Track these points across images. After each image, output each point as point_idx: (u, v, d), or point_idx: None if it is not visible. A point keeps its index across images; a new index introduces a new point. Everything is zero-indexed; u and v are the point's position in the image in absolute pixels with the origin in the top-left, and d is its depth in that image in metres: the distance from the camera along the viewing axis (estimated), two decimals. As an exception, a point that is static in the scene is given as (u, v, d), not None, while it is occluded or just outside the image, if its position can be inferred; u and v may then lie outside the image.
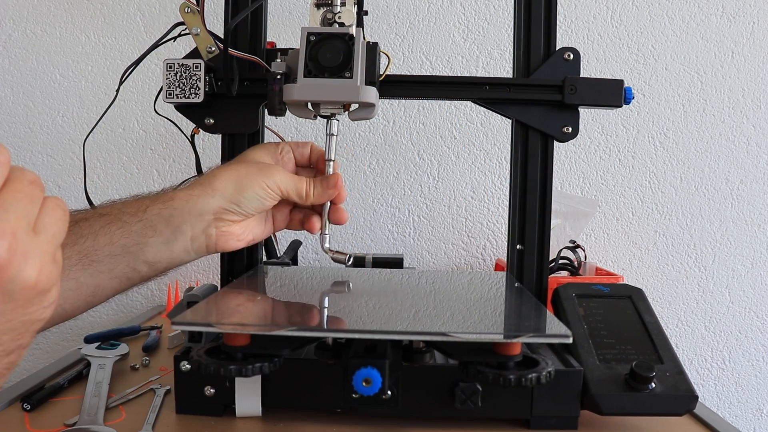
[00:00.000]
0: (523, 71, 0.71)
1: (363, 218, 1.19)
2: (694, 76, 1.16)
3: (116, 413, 0.59)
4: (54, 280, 0.33)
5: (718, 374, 1.20)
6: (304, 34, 0.60)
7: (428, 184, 1.18)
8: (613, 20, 1.15)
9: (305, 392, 0.57)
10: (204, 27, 0.66)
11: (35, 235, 0.32)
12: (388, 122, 1.17)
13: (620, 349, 0.60)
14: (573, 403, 0.56)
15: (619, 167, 1.18)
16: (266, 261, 0.83)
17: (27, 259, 0.31)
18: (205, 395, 0.57)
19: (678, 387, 0.56)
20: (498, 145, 1.17)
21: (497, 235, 1.19)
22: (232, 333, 0.49)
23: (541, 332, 0.51)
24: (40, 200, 0.33)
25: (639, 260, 1.19)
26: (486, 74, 1.15)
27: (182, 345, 0.63)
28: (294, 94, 0.59)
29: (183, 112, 0.70)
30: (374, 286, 0.69)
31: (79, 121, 1.18)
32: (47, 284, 0.32)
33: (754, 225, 1.18)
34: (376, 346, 0.52)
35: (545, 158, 0.71)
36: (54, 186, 1.18)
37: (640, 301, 0.66)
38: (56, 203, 0.34)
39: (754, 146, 1.17)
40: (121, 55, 1.17)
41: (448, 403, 0.56)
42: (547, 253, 0.71)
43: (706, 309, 1.19)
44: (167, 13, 1.16)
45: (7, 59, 1.17)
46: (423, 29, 1.16)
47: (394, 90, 0.69)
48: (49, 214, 0.34)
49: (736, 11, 1.15)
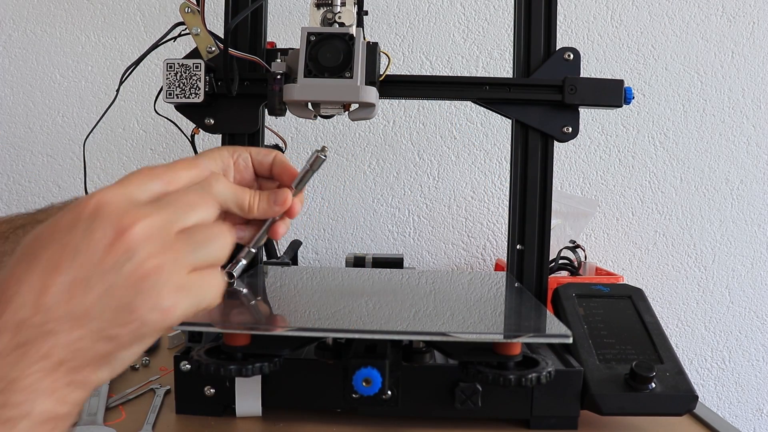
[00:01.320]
0: (523, 71, 0.71)
1: (363, 218, 1.19)
2: (694, 76, 1.16)
3: (116, 413, 0.59)
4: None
5: (718, 374, 1.20)
6: (304, 34, 0.60)
7: (428, 184, 1.18)
8: (613, 20, 1.15)
9: (305, 392, 0.57)
10: (204, 27, 0.66)
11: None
12: (388, 122, 1.17)
13: (620, 349, 0.60)
14: (573, 403, 0.56)
15: (619, 167, 1.18)
16: (266, 261, 0.83)
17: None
18: (205, 395, 0.57)
19: (678, 387, 0.56)
20: (498, 145, 1.17)
21: (497, 235, 1.19)
22: (232, 333, 0.49)
23: (541, 332, 0.51)
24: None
25: (639, 260, 1.19)
26: (486, 74, 1.15)
27: (182, 345, 0.63)
28: (294, 94, 0.59)
29: (183, 112, 0.70)
30: (374, 286, 0.69)
31: (79, 121, 1.18)
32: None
33: (754, 225, 1.18)
34: (376, 346, 0.52)
35: (545, 158, 0.71)
36: (54, 186, 1.19)
37: (640, 301, 0.66)
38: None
39: (754, 146, 1.17)
40: (121, 55, 1.17)
41: (448, 403, 0.56)
42: (547, 253, 0.71)
43: (706, 309, 1.19)
44: (167, 13, 1.16)
45: (7, 59, 1.17)
46: (423, 29, 1.16)
47: (394, 90, 0.69)
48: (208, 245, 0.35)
49: (736, 11, 1.15)
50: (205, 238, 0.34)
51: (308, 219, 1.19)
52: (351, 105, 0.61)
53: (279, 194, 0.53)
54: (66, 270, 0.30)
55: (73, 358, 0.29)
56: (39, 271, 0.30)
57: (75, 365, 0.30)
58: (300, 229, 1.19)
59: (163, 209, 0.32)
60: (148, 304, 0.30)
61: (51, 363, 0.29)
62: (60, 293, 0.29)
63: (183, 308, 0.32)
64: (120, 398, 0.63)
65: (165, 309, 0.31)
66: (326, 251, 1.19)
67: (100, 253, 0.30)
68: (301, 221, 1.19)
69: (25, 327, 0.29)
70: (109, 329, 0.30)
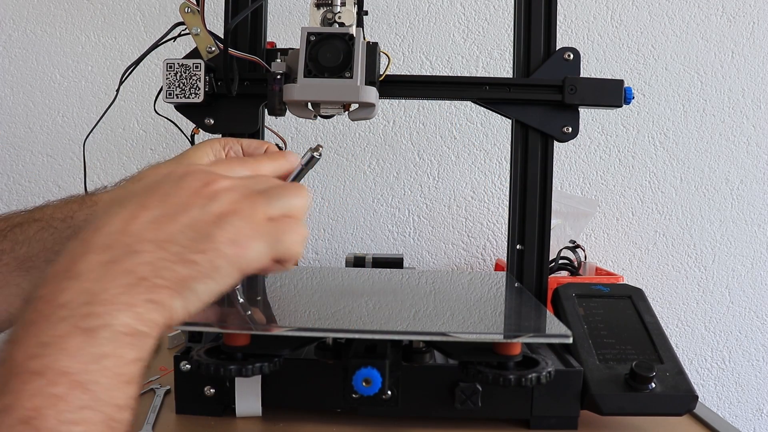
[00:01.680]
0: (523, 71, 0.71)
1: (363, 218, 1.19)
2: (694, 76, 1.16)
3: (116, 413, 0.59)
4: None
5: (718, 374, 1.20)
6: (304, 34, 0.60)
7: (428, 184, 1.18)
8: (613, 20, 1.15)
9: (305, 392, 0.57)
10: (204, 27, 0.66)
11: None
12: (388, 122, 1.17)
13: (620, 349, 0.60)
14: (573, 403, 0.56)
15: (619, 167, 1.18)
16: (266, 261, 0.82)
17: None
18: (205, 395, 0.57)
19: (678, 387, 0.56)
20: (498, 145, 1.17)
21: (497, 235, 1.19)
22: (231, 333, 0.49)
23: (541, 332, 0.51)
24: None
25: (639, 260, 1.19)
26: (486, 74, 1.15)
27: (182, 345, 0.63)
28: (294, 94, 0.59)
29: (183, 112, 0.70)
30: (374, 286, 0.69)
31: (79, 121, 1.18)
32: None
33: (754, 225, 1.18)
34: (376, 346, 0.52)
35: (545, 158, 0.71)
36: (54, 186, 1.18)
37: (640, 301, 0.66)
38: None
39: (754, 146, 1.17)
40: (121, 55, 1.17)
41: (448, 403, 0.56)
42: (547, 253, 0.71)
43: (706, 309, 1.19)
44: (167, 13, 1.16)
45: (7, 59, 1.17)
46: (423, 29, 1.16)
47: (394, 90, 0.69)
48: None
49: (736, 11, 1.15)
50: (281, 193, 0.38)
51: (308, 219, 1.18)
52: (351, 105, 0.61)
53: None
54: (155, 207, 0.34)
55: (154, 276, 0.32)
56: (129, 208, 0.33)
57: (155, 284, 0.32)
58: (300, 229, 1.19)
59: (245, 179, 0.38)
60: (226, 236, 0.34)
61: (133, 278, 0.31)
62: (147, 222, 0.33)
63: (257, 250, 0.35)
64: (120, 398, 0.62)
65: (240, 244, 0.34)
66: (326, 251, 1.19)
67: (187, 196, 0.34)
68: (301, 221, 1.18)
69: (112, 247, 0.32)
70: (188, 254, 0.33)
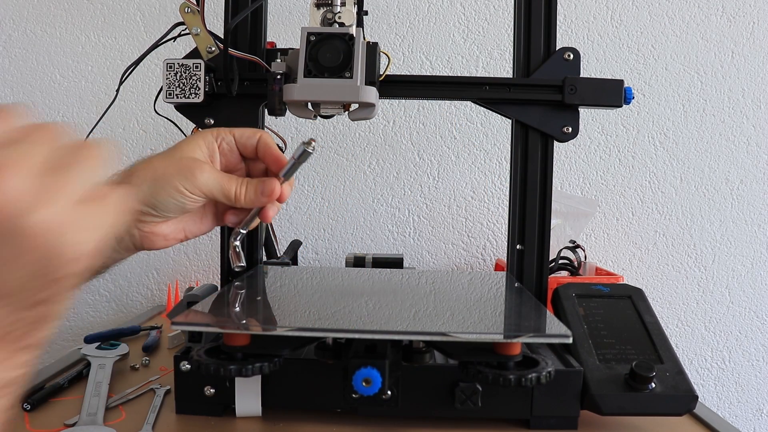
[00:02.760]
0: (523, 71, 0.71)
1: (363, 218, 1.19)
2: (694, 76, 1.16)
3: (116, 413, 0.59)
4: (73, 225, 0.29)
5: (718, 374, 1.20)
6: (304, 34, 0.60)
7: (428, 184, 1.18)
8: (613, 20, 1.15)
9: (305, 392, 0.57)
10: (204, 27, 0.66)
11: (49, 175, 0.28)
12: (388, 122, 1.17)
13: (620, 349, 0.60)
14: (573, 403, 0.56)
15: (619, 167, 1.18)
16: (266, 261, 0.83)
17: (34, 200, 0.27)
18: (205, 395, 0.57)
19: (678, 387, 0.56)
20: (498, 145, 1.17)
21: (497, 235, 1.19)
22: (232, 333, 0.49)
23: (541, 332, 0.51)
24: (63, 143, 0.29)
25: (639, 260, 1.19)
26: (486, 74, 1.15)
27: (182, 345, 0.63)
28: (294, 94, 0.59)
29: (183, 112, 0.70)
30: (374, 286, 0.69)
31: (79, 121, 1.18)
32: (62, 230, 0.28)
33: (754, 225, 1.18)
34: (376, 346, 0.52)
35: (545, 158, 0.71)
36: (54, 186, 1.18)
37: (640, 301, 0.66)
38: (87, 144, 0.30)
39: (754, 146, 1.17)
40: (121, 55, 1.17)
41: (448, 403, 0.56)
42: (547, 253, 0.71)
43: (706, 309, 1.19)
44: (167, 13, 1.16)
45: (7, 59, 1.17)
46: (423, 29, 1.16)
47: (394, 90, 0.69)
48: (74, 154, 0.29)
49: (736, 11, 1.15)
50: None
51: (308, 219, 1.19)
52: (351, 105, 0.61)
53: (266, 184, 0.52)
54: None
55: (11, 330, 0.28)
56: None
57: (16, 335, 0.29)
58: (300, 229, 1.19)
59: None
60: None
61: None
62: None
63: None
64: (120, 398, 0.63)
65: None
66: (326, 251, 1.19)
67: None
68: (301, 221, 1.19)
69: None
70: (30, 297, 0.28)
